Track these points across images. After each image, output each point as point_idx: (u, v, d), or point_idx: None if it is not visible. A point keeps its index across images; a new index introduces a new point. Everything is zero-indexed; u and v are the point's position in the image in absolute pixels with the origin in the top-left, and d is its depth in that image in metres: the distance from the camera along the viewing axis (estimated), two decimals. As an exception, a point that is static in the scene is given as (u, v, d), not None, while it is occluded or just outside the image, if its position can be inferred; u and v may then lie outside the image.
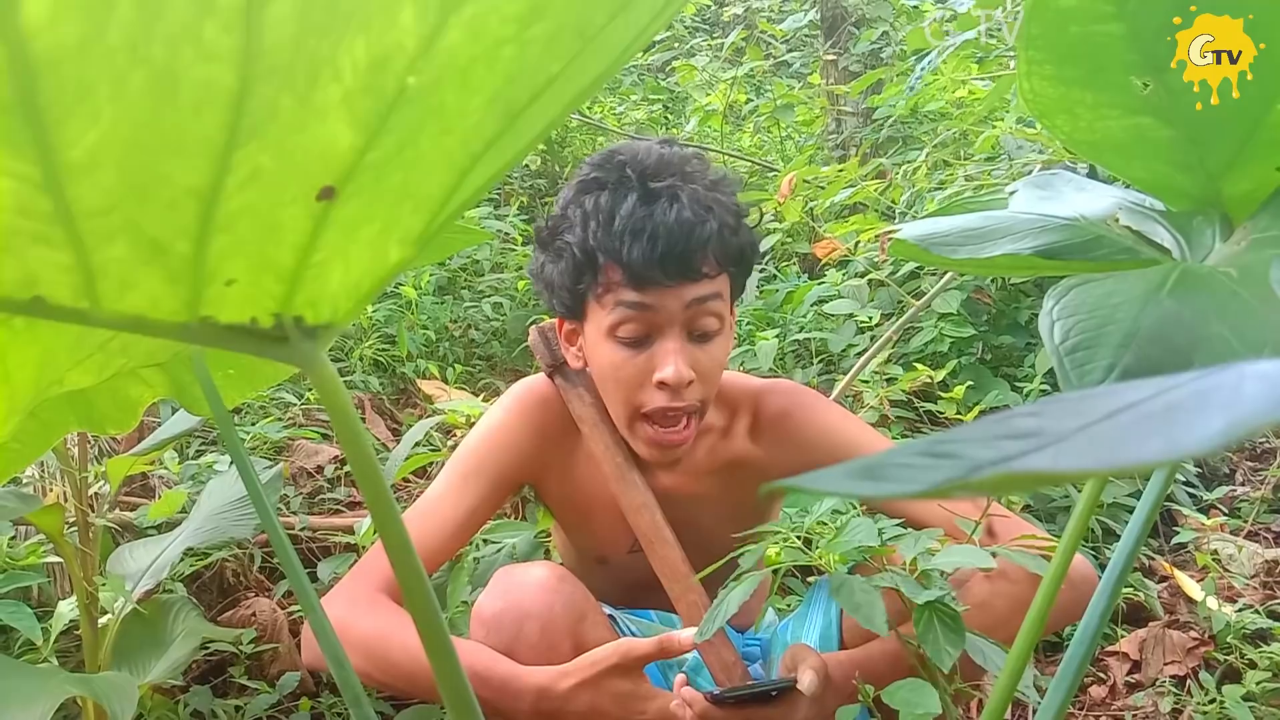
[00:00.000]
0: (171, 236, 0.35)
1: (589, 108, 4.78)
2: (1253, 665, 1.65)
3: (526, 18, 0.34)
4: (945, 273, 2.36)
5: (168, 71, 0.30)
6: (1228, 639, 1.71)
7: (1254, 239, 0.52)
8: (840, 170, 2.93)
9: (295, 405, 2.42)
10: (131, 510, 1.79)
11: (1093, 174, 1.81)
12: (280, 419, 2.31)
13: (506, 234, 3.63)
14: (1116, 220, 0.57)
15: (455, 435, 2.11)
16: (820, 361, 2.66)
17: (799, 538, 0.96)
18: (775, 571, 0.96)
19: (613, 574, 1.28)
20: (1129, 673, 1.74)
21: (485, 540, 1.32)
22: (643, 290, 1.04)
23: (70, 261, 0.34)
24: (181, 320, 0.39)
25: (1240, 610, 1.79)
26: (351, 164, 0.35)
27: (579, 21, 0.35)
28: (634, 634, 1.23)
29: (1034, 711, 1.53)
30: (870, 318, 2.56)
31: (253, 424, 2.21)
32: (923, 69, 2.71)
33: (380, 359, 2.92)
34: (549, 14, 0.34)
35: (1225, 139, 0.53)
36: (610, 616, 1.20)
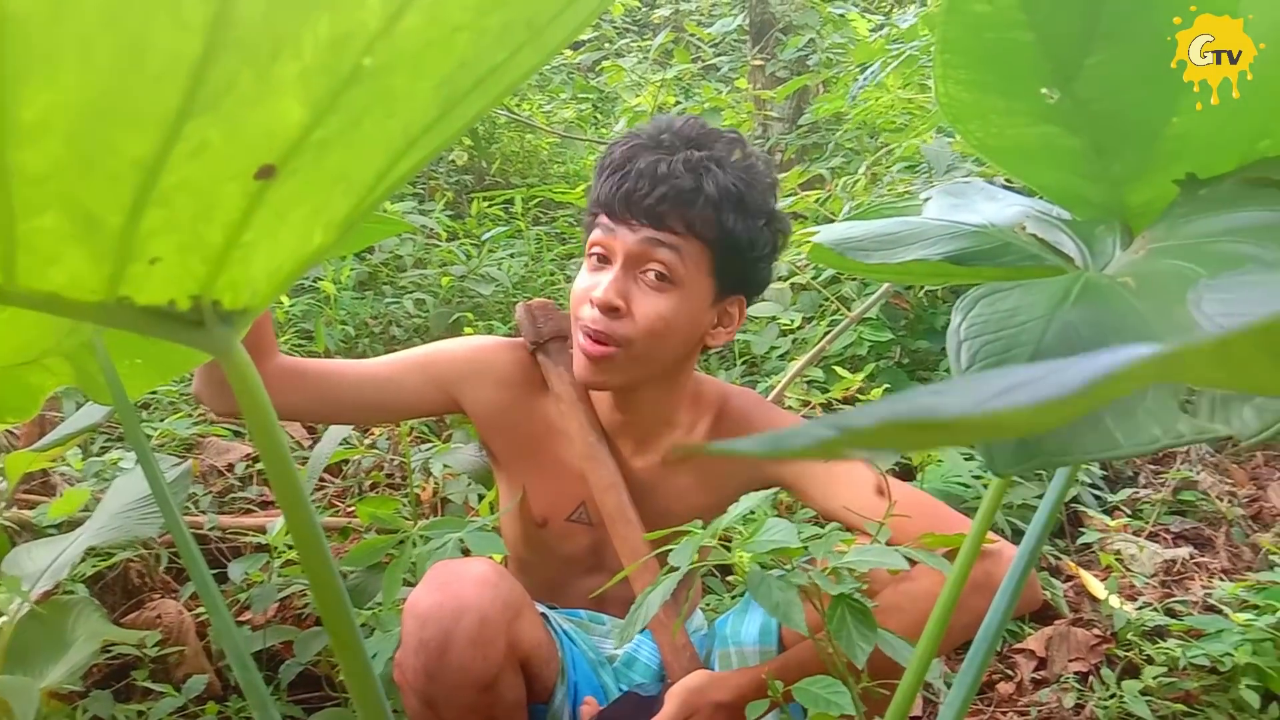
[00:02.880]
0: (106, 209, 0.34)
1: (517, 105, 4.75)
2: (1150, 661, 1.71)
3: (486, 6, 0.34)
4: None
5: (139, 39, 0.29)
6: (1128, 636, 1.77)
7: (1152, 248, 0.53)
8: (781, 178, 2.95)
9: (207, 401, 2.35)
10: (30, 509, 1.72)
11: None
12: (190, 415, 2.24)
13: (431, 229, 3.58)
14: (1024, 228, 0.58)
15: (372, 434, 2.08)
16: (744, 363, 2.68)
17: (718, 538, 0.96)
18: (695, 572, 0.96)
19: (551, 539, 1.31)
20: (1035, 669, 1.79)
21: (423, 537, 1.30)
22: (610, 217, 1.14)
23: (-8, 232, 0.33)
24: (98, 300, 0.38)
25: (1140, 608, 1.85)
26: (296, 142, 0.34)
27: (531, 13, 0.35)
28: (566, 632, 1.25)
29: (944, 708, 1.56)
30: (792, 320, 2.59)
31: (161, 419, 2.15)
32: (865, 80, 2.75)
33: (297, 354, 2.86)
34: (509, 3, 0.34)
35: (1127, 150, 0.55)
36: (543, 615, 1.22)
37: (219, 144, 0.33)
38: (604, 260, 1.16)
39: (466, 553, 1.31)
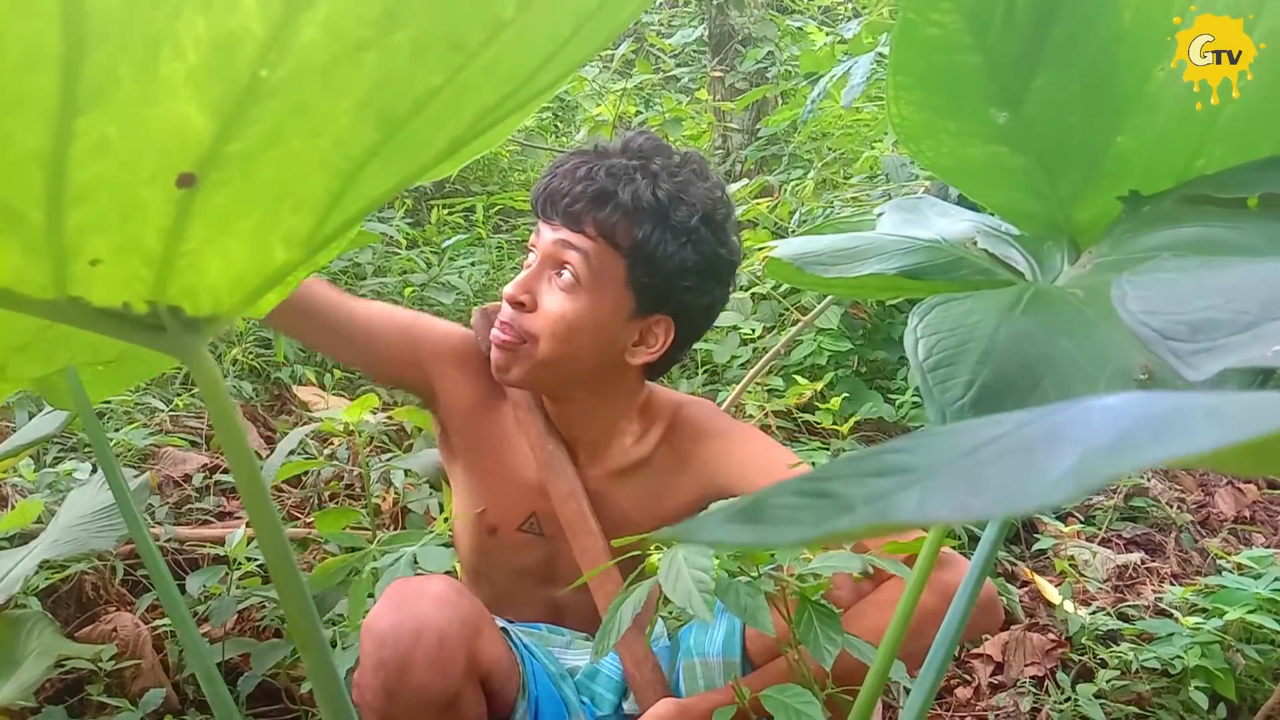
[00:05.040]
0: (23, 202, 0.34)
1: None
2: (1104, 664, 1.75)
3: (385, 23, 0.34)
4: (825, 288, 2.43)
5: None
6: (1082, 640, 1.81)
7: (1098, 263, 0.55)
8: (733, 193, 2.99)
9: (162, 411, 2.32)
10: (-19, 521, 1.68)
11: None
12: (146, 425, 2.21)
13: (391, 237, 3.56)
14: (975, 243, 0.60)
15: (332, 444, 2.06)
16: (705, 372, 2.70)
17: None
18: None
19: (501, 548, 1.29)
20: (992, 674, 1.82)
21: (384, 551, 1.29)
22: (538, 217, 1.17)
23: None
24: (50, 297, 0.38)
25: (1094, 613, 1.89)
26: (210, 151, 0.35)
27: (449, 33, 0.35)
28: (527, 647, 1.24)
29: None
30: (753, 330, 2.61)
31: (116, 430, 2.12)
32: (816, 97, 2.77)
33: (255, 364, 2.83)
34: (410, 22, 0.34)
35: (1072, 169, 0.56)
36: (503, 629, 1.21)
37: (120, 143, 0.34)
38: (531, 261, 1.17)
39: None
